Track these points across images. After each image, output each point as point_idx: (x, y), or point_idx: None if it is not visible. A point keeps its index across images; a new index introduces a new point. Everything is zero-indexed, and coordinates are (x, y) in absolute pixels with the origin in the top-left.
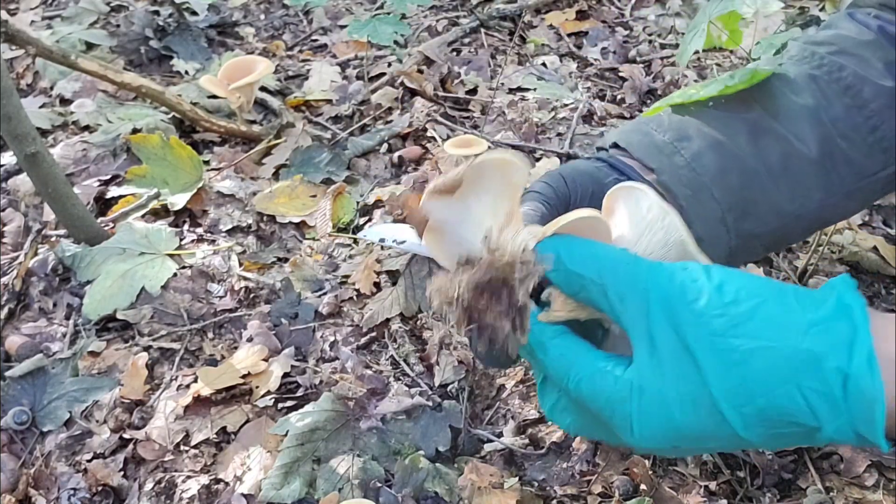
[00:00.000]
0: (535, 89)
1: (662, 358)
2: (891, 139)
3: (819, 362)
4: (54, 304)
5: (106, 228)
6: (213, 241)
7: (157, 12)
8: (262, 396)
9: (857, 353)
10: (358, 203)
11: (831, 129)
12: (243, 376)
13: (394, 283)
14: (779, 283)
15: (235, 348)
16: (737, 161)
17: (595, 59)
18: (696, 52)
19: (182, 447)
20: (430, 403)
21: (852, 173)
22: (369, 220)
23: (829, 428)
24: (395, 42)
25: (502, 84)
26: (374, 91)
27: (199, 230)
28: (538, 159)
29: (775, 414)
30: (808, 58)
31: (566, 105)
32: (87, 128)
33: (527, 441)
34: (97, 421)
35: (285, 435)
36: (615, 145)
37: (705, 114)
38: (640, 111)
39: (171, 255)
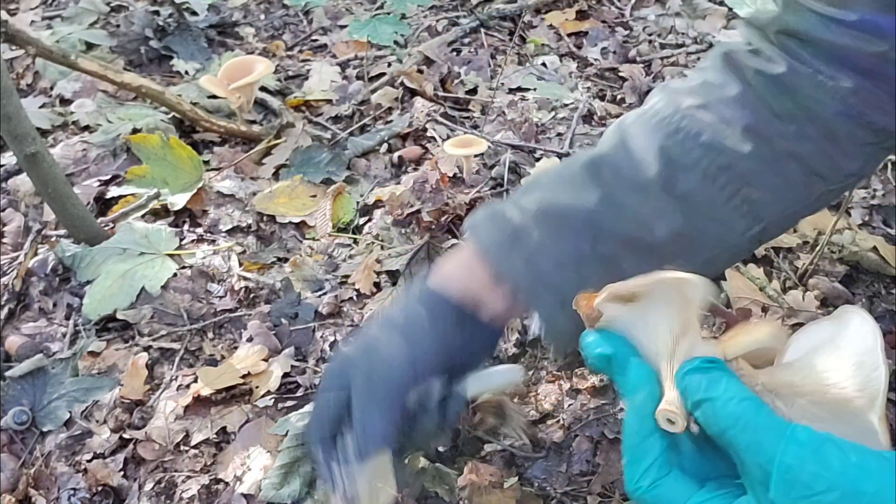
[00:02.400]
0: (535, 89)
1: None
2: (752, 202)
3: None
4: (54, 304)
5: (106, 228)
6: (213, 241)
7: (157, 12)
8: (262, 396)
9: None
10: (358, 203)
11: (685, 202)
12: (243, 376)
13: (394, 283)
14: None
15: (235, 348)
16: (573, 254)
17: (595, 59)
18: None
19: (182, 447)
20: None
21: (715, 242)
22: (369, 219)
23: None
24: (395, 42)
25: (502, 84)
26: (374, 91)
27: (199, 230)
28: (538, 159)
29: None
30: (665, 120)
31: (566, 105)
32: (87, 128)
33: (527, 441)
34: (97, 421)
35: (285, 435)
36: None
37: (542, 209)
38: None
39: (171, 255)
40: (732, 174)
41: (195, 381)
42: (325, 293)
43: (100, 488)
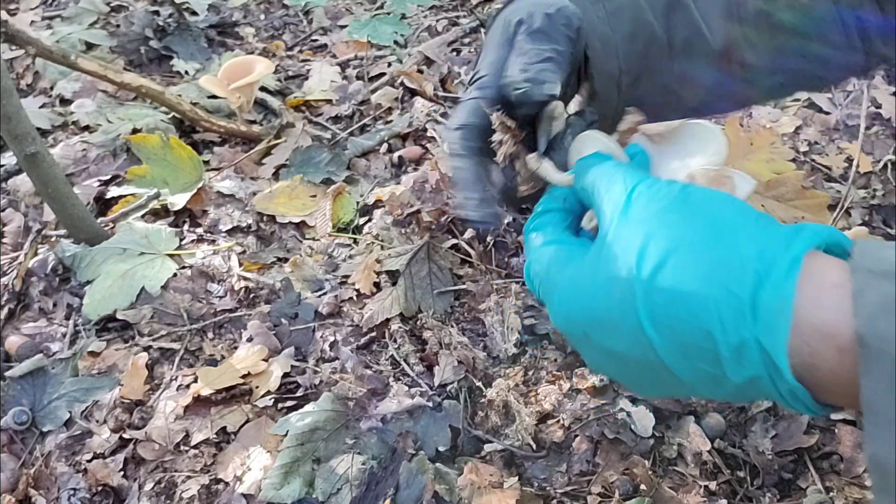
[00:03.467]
0: None
1: (612, 238)
2: (788, 52)
3: (742, 262)
4: (54, 304)
5: (106, 228)
6: (213, 241)
7: (157, 12)
8: (262, 396)
9: (781, 259)
10: (358, 203)
11: (738, 27)
12: (243, 376)
13: (394, 283)
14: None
15: (235, 348)
16: (647, 28)
17: None
18: None
19: (182, 447)
20: (430, 403)
21: (744, 75)
22: (369, 219)
23: (733, 338)
24: (395, 42)
25: None
26: (374, 91)
27: (199, 230)
28: None
29: (683, 310)
30: None
31: None
32: (87, 128)
33: (529, 441)
34: (97, 421)
35: (285, 435)
36: None
37: None
38: None
39: (171, 255)
40: (783, 18)
41: (195, 381)
42: (325, 293)
43: (100, 488)
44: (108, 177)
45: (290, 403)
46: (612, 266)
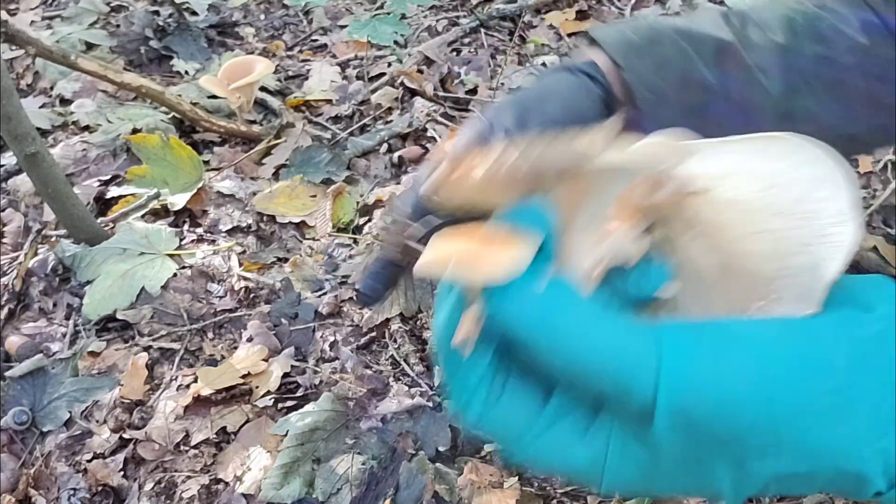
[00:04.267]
0: None
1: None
2: (852, 97)
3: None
4: (54, 304)
5: (106, 228)
6: (213, 241)
7: (157, 12)
8: (262, 396)
9: None
10: (358, 203)
11: (797, 73)
12: (243, 376)
13: None
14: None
15: (235, 348)
16: (697, 77)
17: None
18: None
19: (182, 447)
20: (431, 403)
21: (808, 121)
22: (369, 219)
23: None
24: (395, 42)
25: (502, 84)
26: (374, 91)
27: (199, 230)
28: None
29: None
30: None
31: None
32: (87, 128)
33: None
34: (97, 421)
35: (285, 435)
36: (591, 40)
37: (679, 27)
38: None
39: (171, 255)
40: (846, 62)
41: (195, 381)
42: (325, 293)
43: (100, 488)
44: (108, 177)
45: (290, 403)
46: None
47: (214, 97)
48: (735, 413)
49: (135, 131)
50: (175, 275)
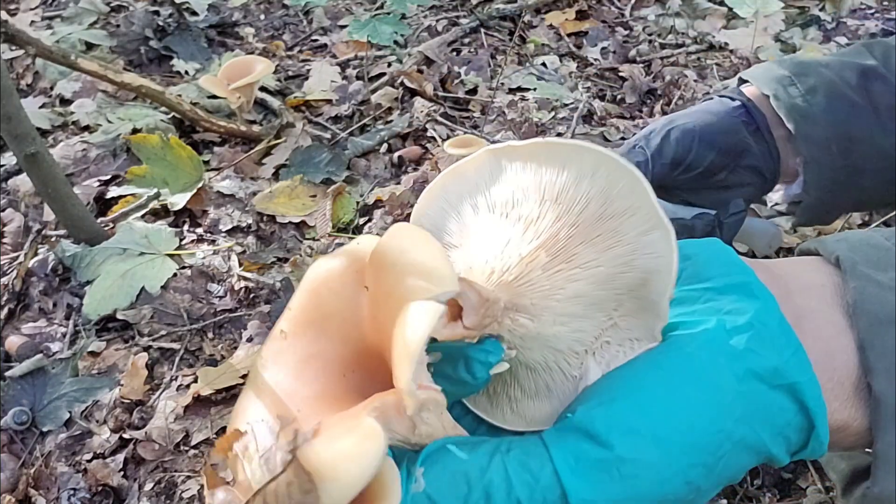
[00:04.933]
0: (534, 89)
1: None
2: None
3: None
4: (54, 304)
5: (106, 228)
6: (213, 241)
7: (157, 12)
8: None
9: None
10: (358, 203)
11: None
12: (243, 376)
13: None
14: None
15: (235, 348)
16: (844, 98)
17: (595, 59)
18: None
19: (182, 447)
20: None
21: None
22: (369, 219)
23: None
24: (395, 42)
25: (502, 84)
26: (374, 91)
27: (199, 230)
28: None
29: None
30: None
31: (566, 105)
32: (87, 128)
33: None
34: (97, 421)
35: None
36: (741, 80)
37: (823, 59)
38: (640, 111)
39: (171, 255)
40: None
41: (195, 381)
42: None
43: (100, 488)
44: (108, 177)
45: None
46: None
47: (214, 97)
48: (655, 497)
49: (135, 131)
50: (175, 275)
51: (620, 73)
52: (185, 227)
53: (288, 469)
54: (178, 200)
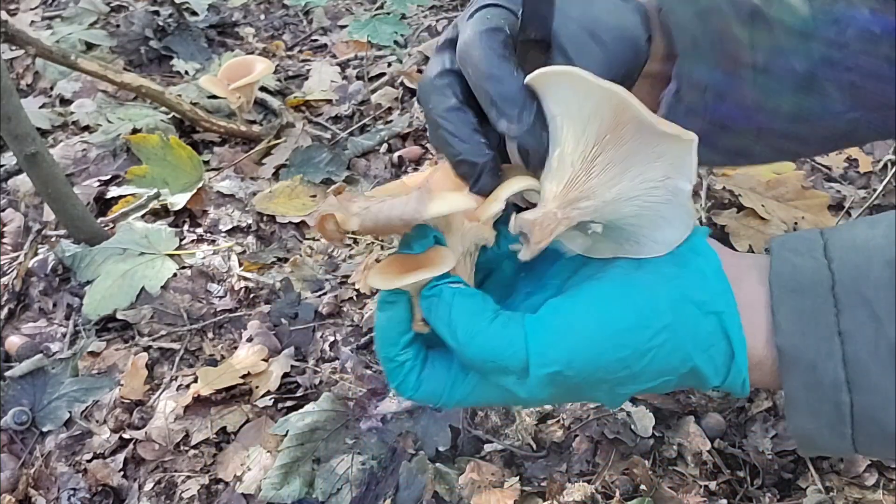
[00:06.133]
0: None
1: None
2: (860, 83)
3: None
4: (54, 304)
5: (106, 228)
6: (213, 241)
7: (157, 12)
8: (262, 396)
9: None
10: None
11: (815, 53)
12: (243, 376)
13: None
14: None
15: (235, 348)
16: (733, 41)
17: None
18: None
19: (182, 447)
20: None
21: (820, 104)
22: None
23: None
24: (395, 42)
25: None
26: (374, 91)
27: (199, 230)
28: None
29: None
30: None
31: None
32: (87, 128)
33: (530, 441)
34: (97, 421)
35: (285, 435)
36: None
37: None
38: None
39: (171, 255)
40: (855, 48)
41: (195, 381)
42: (325, 293)
43: (100, 488)
44: (108, 177)
45: (290, 403)
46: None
47: (214, 97)
48: (593, 368)
49: (135, 131)
50: (175, 275)
51: None
52: (185, 227)
53: (409, 194)
54: (178, 200)
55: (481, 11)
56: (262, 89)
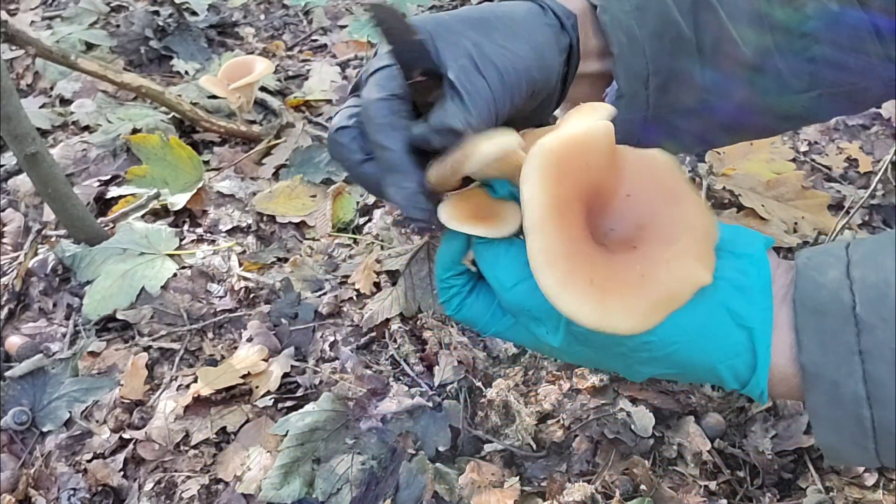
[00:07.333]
0: None
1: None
2: (820, 62)
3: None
4: (54, 304)
5: (106, 228)
6: (213, 241)
7: (157, 12)
8: (262, 396)
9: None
10: (358, 203)
11: (769, 38)
12: (243, 376)
13: (394, 283)
14: None
15: (235, 348)
16: (674, 26)
17: None
18: None
19: (182, 447)
20: (430, 403)
21: (777, 86)
22: (369, 219)
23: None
24: None
25: None
26: None
27: (199, 230)
28: None
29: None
30: None
31: None
32: (87, 128)
33: (530, 442)
34: (97, 421)
35: (285, 435)
36: None
37: None
38: None
39: (171, 255)
40: (814, 26)
41: (195, 381)
42: (325, 293)
43: (100, 488)
44: (108, 177)
45: (290, 403)
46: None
47: (214, 97)
48: (617, 340)
49: (135, 131)
50: (175, 275)
51: None
52: (185, 227)
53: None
54: (178, 200)
55: (374, 76)
56: (262, 89)
